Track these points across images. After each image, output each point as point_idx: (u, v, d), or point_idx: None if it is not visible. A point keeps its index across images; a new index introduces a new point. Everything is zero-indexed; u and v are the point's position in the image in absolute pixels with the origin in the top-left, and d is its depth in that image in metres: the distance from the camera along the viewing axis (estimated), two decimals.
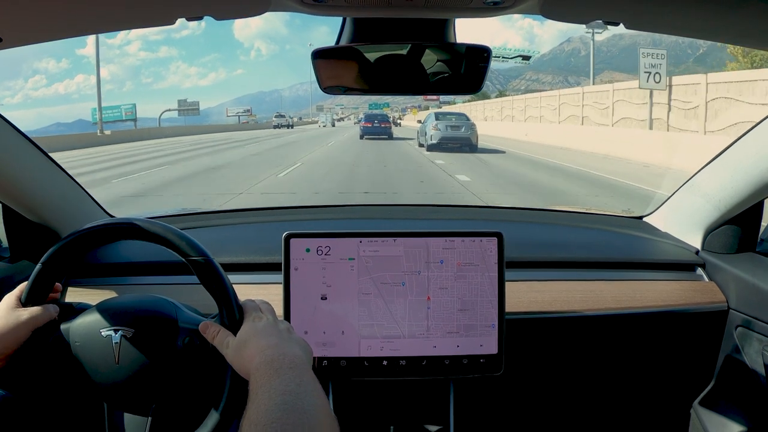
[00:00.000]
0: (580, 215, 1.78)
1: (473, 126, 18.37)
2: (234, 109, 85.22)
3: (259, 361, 0.73)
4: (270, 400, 0.65)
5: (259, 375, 0.71)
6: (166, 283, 1.22)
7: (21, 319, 0.82)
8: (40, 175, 1.19)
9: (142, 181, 10.65)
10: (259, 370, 0.71)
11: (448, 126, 17.98)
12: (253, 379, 0.71)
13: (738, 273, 1.26)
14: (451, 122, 18.31)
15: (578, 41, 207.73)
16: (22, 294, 0.86)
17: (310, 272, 1.05)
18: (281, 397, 0.65)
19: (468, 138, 17.63)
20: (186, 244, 0.86)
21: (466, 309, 1.06)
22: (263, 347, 0.76)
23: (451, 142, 17.43)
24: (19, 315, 0.83)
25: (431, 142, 17.71)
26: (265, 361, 0.73)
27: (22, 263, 1.24)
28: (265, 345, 0.77)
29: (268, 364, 0.72)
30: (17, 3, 0.68)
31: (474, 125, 18.53)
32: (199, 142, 26.64)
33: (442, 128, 17.88)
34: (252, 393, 0.69)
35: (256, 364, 0.73)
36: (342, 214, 1.79)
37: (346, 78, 0.97)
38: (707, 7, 0.73)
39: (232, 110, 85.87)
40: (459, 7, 0.83)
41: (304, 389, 0.68)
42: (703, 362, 1.34)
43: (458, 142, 17.51)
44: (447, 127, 17.90)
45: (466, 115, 20.16)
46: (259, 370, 0.72)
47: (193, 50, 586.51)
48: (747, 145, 1.19)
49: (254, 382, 0.70)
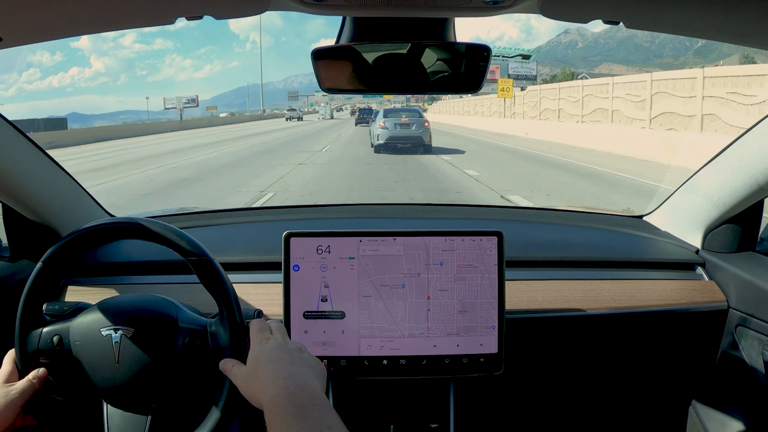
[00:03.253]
0: (580, 214, 1.78)
1: (426, 124, 16.49)
2: (174, 100, 64.99)
3: (275, 393, 0.69)
4: None
5: (280, 412, 0.67)
6: (167, 282, 1.22)
7: (10, 396, 0.81)
8: (40, 174, 1.19)
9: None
10: (277, 406, 0.67)
11: (396, 124, 15.98)
12: (272, 415, 0.67)
13: (738, 272, 1.26)
14: (400, 120, 16.12)
15: (575, 33, 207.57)
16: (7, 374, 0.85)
17: (310, 271, 1.05)
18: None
19: (419, 137, 15.89)
20: (186, 243, 0.87)
21: (466, 311, 1.06)
22: (276, 375, 0.72)
23: (400, 142, 15.76)
24: (9, 391, 0.82)
25: (378, 142, 15.99)
26: (283, 395, 0.68)
27: (22, 262, 1.24)
28: (278, 373, 0.73)
29: (287, 400, 0.68)
30: (17, 3, 0.68)
31: (427, 123, 16.65)
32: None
33: (389, 127, 15.95)
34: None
35: (272, 397, 0.69)
36: (342, 213, 1.79)
37: (346, 77, 0.97)
38: (707, 6, 0.73)
39: (170, 100, 66.20)
40: (459, 7, 0.83)
41: (338, 429, 0.65)
42: (703, 361, 1.34)
43: (408, 141, 15.83)
44: (395, 126, 15.95)
45: (419, 111, 17.86)
46: (277, 405, 0.68)
47: (189, 42, 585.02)
48: (747, 144, 1.19)
49: (275, 419, 0.66)
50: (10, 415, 0.80)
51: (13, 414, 0.81)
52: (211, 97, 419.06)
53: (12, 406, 0.81)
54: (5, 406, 0.80)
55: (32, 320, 0.87)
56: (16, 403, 0.81)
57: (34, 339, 0.86)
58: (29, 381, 0.84)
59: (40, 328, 0.87)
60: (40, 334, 0.86)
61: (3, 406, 0.80)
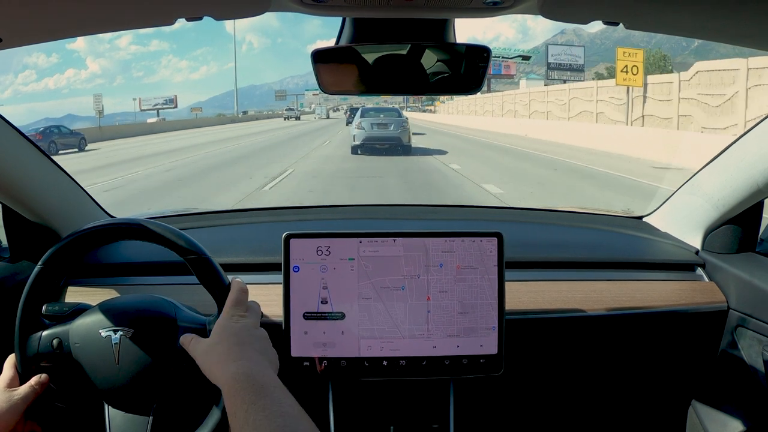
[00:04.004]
0: (579, 215, 1.78)
1: (405, 123, 15.89)
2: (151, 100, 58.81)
3: (238, 371, 0.71)
4: (270, 422, 0.63)
5: (241, 388, 0.68)
6: (166, 283, 1.22)
7: (12, 401, 0.81)
8: (39, 175, 1.19)
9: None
10: (239, 382, 0.69)
11: (374, 124, 15.39)
12: (233, 391, 0.68)
13: (738, 273, 1.26)
14: (378, 120, 15.51)
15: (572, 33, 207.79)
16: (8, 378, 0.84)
17: (310, 272, 1.05)
18: (281, 419, 0.63)
19: (398, 138, 15.32)
20: (183, 242, 0.87)
21: (466, 312, 1.06)
22: (239, 356, 0.74)
23: (378, 143, 15.18)
24: (11, 396, 0.81)
25: (354, 143, 15.42)
26: (245, 374, 0.70)
27: (22, 263, 1.24)
28: (242, 354, 0.74)
29: (249, 378, 0.69)
30: (17, 3, 0.68)
31: (406, 122, 16.09)
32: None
33: (366, 127, 15.35)
34: (236, 408, 0.66)
35: (234, 374, 0.70)
36: (342, 214, 1.79)
37: (346, 78, 0.97)
38: (707, 7, 0.73)
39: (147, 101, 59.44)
40: (458, 8, 0.83)
41: (298, 411, 0.66)
42: (703, 362, 1.34)
43: (386, 142, 15.23)
44: (373, 126, 15.36)
45: (398, 110, 17.25)
46: (239, 381, 0.69)
47: (185, 44, 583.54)
48: (747, 144, 1.19)
49: (236, 395, 0.67)
50: (13, 420, 0.80)
51: (15, 419, 0.81)
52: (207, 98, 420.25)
53: (14, 411, 0.80)
54: (7, 411, 0.80)
55: (32, 323, 0.87)
56: (18, 408, 0.81)
57: (33, 343, 0.86)
58: (31, 386, 0.83)
59: (40, 332, 0.87)
60: (39, 338, 0.86)
61: (5, 411, 0.80)
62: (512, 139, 22.15)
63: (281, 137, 26.06)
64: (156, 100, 58.19)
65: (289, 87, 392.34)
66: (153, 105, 56.64)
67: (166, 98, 58.83)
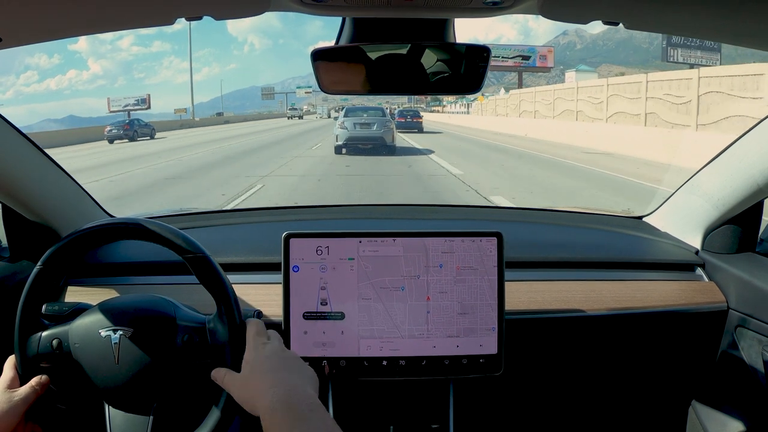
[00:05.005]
0: (579, 215, 1.78)
1: (389, 123, 15.57)
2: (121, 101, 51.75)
3: (274, 400, 0.71)
4: None
5: (280, 417, 0.68)
6: (166, 283, 1.22)
7: (13, 402, 0.81)
8: (39, 174, 1.19)
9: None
10: (277, 412, 0.69)
11: (356, 124, 15.05)
12: (271, 421, 0.68)
13: (737, 273, 1.26)
14: (362, 119, 15.19)
15: (574, 34, 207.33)
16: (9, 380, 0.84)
17: (310, 272, 1.05)
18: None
19: (380, 138, 14.95)
20: (182, 241, 0.87)
21: (466, 312, 1.06)
22: (274, 383, 0.74)
23: (361, 143, 14.88)
24: (11, 397, 0.81)
25: (337, 142, 15.06)
26: (282, 401, 0.70)
27: (21, 263, 1.24)
28: (276, 381, 0.74)
29: (286, 406, 0.69)
30: (17, 3, 0.68)
31: (390, 122, 15.78)
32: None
33: (349, 126, 14.98)
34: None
35: (271, 404, 0.70)
36: (341, 214, 1.79)
37: (346, 78, 0.97)
38: (707, 7, 0.73)
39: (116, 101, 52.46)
40: (458, 8, 0.83)
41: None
42: (702, 362, 1.34)
43: (368, 142, 14.93)
44: (355, 126, 15.02)
45: (383, 109, 16.91)
46: (276, 411, 0.69)
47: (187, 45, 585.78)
48: (747, 144, 1.19)
49: (274, 426, 0.68)
50: (13, 421, 0.80)
51: (16, 420, 0.80)
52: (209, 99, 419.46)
53: (15, 412, 0.80)
54: (8, 412, 0.80)
55: (32, 323, 0.87)
56: (19, 409, 0.81)
57: (33, 343, 0.86)
58: (31, 387, 0.83)
59: (39, 332, 0.87)
60: (39, 338, 0.86)
61: (6, 413, 0.80)
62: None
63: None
64: (127, 100, 53.31)
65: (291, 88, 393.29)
66: (123, 106, 51.55)
67: (138, 98, 53.66)
